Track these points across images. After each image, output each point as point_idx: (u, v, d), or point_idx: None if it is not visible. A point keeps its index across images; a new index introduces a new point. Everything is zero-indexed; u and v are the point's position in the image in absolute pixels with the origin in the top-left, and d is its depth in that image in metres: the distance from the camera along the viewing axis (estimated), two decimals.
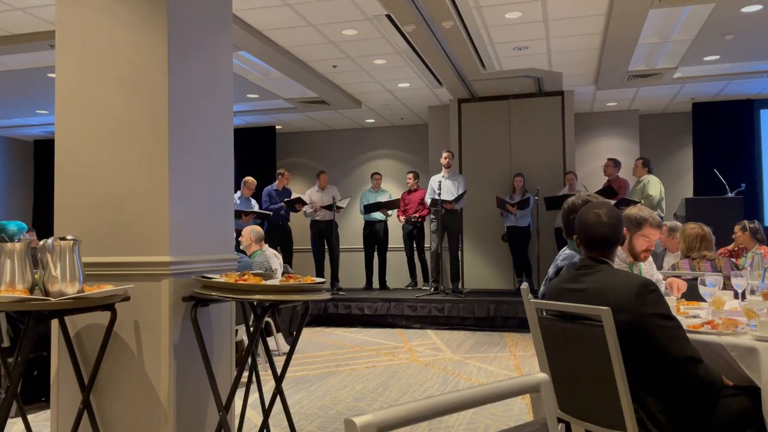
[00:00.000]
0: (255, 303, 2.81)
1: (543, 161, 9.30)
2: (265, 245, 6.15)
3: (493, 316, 7.66)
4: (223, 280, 2.56)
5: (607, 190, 7.67)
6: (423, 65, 7.74)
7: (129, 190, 2.68)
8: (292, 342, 3.01)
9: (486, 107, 9.57)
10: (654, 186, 7.79)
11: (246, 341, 4.73)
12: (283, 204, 8.68)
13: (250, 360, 3.01)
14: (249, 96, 9.17)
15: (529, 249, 8.81)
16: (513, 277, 9.22)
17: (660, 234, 5.63)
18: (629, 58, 7.44)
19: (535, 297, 2.56)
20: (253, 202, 8.56)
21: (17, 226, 4.44)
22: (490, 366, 5.60)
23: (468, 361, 5.83)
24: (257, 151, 11.08)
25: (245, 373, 2.95)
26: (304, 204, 8.81)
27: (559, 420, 2.42)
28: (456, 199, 8.15)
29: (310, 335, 7.42)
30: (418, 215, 9.00)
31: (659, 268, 4.74)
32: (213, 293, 2.52)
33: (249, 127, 11.19)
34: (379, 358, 6.01)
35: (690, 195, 9.73)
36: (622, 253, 2.92)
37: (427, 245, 9.37)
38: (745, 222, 5.76)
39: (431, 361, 5.82)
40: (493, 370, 5.46)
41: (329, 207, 8.70)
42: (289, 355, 2.95)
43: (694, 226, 4.26)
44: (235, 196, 8.29)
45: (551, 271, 2.91)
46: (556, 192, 8.59)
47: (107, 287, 2.48)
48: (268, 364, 3.07)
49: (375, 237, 9.38)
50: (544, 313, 2.45)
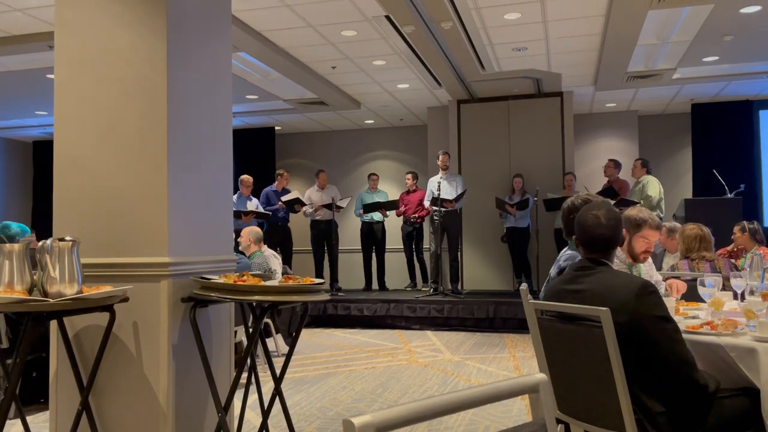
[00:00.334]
0: (254, 304, 2.81)
1: (542, 162, 9.30)
2: (264, 246, 6.15)
3: (492, 317, 7.66)
4: (222, 281, 2.56)
5: (608, 191, 7.68)
6: (422, 66, 7.74)
7: (128, 191, 2.68)
8: (292, 343, 3.01)
9: (485, 108, 9.58)
10: (653, 187, 7.79)
11: (245, 342, 4.73)
12: (281, 205, 8.66)
13: (249, 361, 3.00)
14: (248, 97, 9.17)
15: (529, 250, 8.81)
16: (512, 278, 9.22)
17: (659, 235, 5.65)
18: (628, 59, 7.45)
19: (535, 298, 2.56)
20: (253, 201, 8.55)
21: (20, 228, 4.43)
22: (489, 367, 5.60)
23: (467, 362, 5.83)
24: (256, 152, 11.07)
25: (244, 374, 2.95)
26: (303, 204, 8.81)
27: (559, 421, 2.42)
28: (456, 199, 8.15)
29: (309, 336, 7.42)
30: (417, 216, 9.00)
31: (658, 269, 4.74)
32: (212, 294, 2.52)
33: (248, 128, 11.19)
34: (378, 359, 6.01)
35: (689, 196, 9.73)
36: (622, 254, 2.92)
37: (426, 246, 9.38)
38: (744, 223, 5.75)
39: (431, 362, 5.82)
40: (492, 371, 5.45)
41: (329, 206, 8.70)
42: (289, 356, 2.95)
43: (693, 226, 4.26)
44: (233, 197, 8.28)
45: (553, 271, 2.90)
46: (555, 193, 8.59)
47: (106, 288, 2.48)
48: (267, 365, 3.07)
49: (373, 238, 9.38)
50: (543, 314, 2.45)
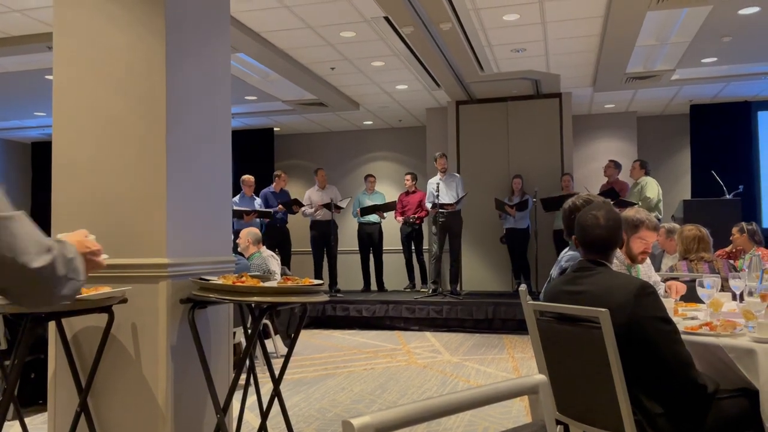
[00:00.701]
0: (253, 305, 2.81)
1: (541, 163, 9.30)
2: (263, 247, 6.14)
3: (491, 318, 7.65)
4: (220, 282, 2.55)
5: (609, 192, 7.68)
6: (421, 67, 7.74)
7: (127, 192, 2.68)
8: (290, 344, 3.01)
9: (484, 109, 9.58)
10: (651, 188, 7.80)
11: (244, 343, 4.72)
12: (279, 207, 8.66)
13: (248, 362, 3.00)
14: (247, 98, 9.16)
15: (528, 251, 8.81)
16: (511, 279, 9.22)
17: (658, 236, 5.65)
18: (627, 60, 7.45)
19: (534, 299, 2.56)
20: (257, 200, 8.53)
21: None
22: (488, 368, 5.59)
23: (466, 363, 5.83)
24: (255, 153, 11.07)
25: (243, 376, 2.95)
26: (302, 205, 8.80)
27: (558, 422, 2.42)
28: (457, 202, 8.15)
29: (308, 337, 7.41)
30: (416, 217, 8.99)
31: (657, 269, 4.74)
32: (211, 295, 2.51)
33: (247, 129, 11.18)
34: (377, 360, 6.00)
35: (688, 197, 9.74)
36: (621, 254, 2.92)
37: (425, 247, 9.37)
38: (743, 224, 5.75)
39: (429, 363, 5.81)
40: (491, 372, 5.45)
41: (328, 206, 8.68)
42: (287, 357, 2.94)
43: (692, 227, 4.26)
44: (236, 198, 8.27)
45: (554, 272, 2.89)
46: (554, 194, 8.59)
47: (105, 289, 2.47)
48: (266, 366, 3.07)
49: (370, 239, 9.37)
50: (542, 315, 2.45)
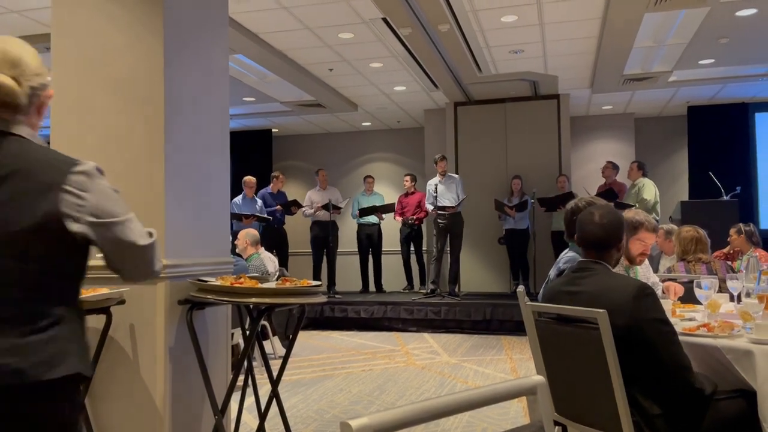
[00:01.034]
0: (251, 306, 2.81)
1: (539, 164, 9.31)
2: (261, 248, 6.13)
3: (489, 319, 7.66)
4: (219, 283, 2.55)
5: (608, 193, 7.69)
6: (419, 68, 7.75)
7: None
8: (288, 345, 3.01)
9: (482, 110, 9.59)
10: (649, 190, 7.81)
11: (242, 344, 4.71)
12: (279, 208, 8.67)
13: (245, 363, 3.00)
14: (245, 99, 9.17)
15: (528, 251, 8.81)
16: (509, 279, 9.22)
17: (656, 237, 5.66)
18: (625, 62, 7.46)
19: (532, 300, 2.56)
20: (258, 202, 8.52)
21: None
22: (486, 369, 5.60)
23: (464, 364, 5.83)
24: (254, 154, 11.07)
25: (241, 377, 2.94)
26: (300, 206, 8.79)
27: (556, 423, 2.43)
28: (458, 204, 8.15)
29: (306, 338, 7.41)
30: (415, 218, 8.99)
31: (655, 270, 4.74)
32: (209, 296, 2.51)
33: (245, 130, 11.18)
34: (375, 362, 6.00)
35: (685, 198, 9.74)
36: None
37: (425, 248, 9.37)
38: (741, 225, 5.76)
39: (428, 365, 5.81)
40: (489, 373, 5.45)
41: (326, 207, 8.67)
42: (285, 358, 2.94)
43: (689, 229, 4.26)
44: (238, 198, 8.26)
45: (552, 273, 2.89)
46: (552, 195, 8.60)
47: (102, 290, 2.47)
48: (264, 368, 3.06)
49: (369, 240, 9.37)
50: (540, 315, 2.46)
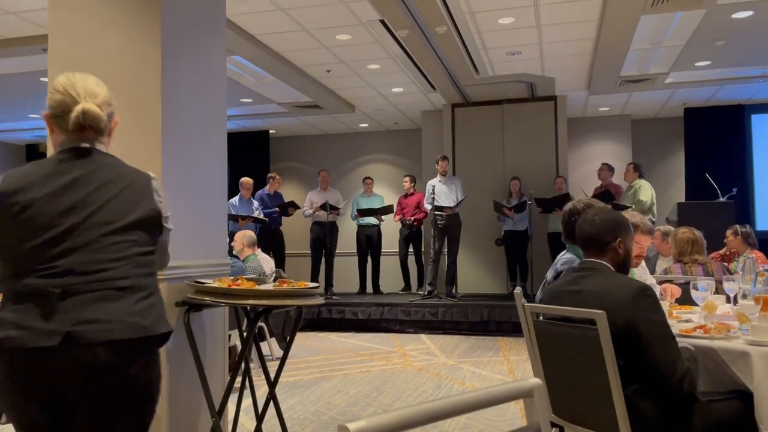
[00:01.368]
0: (248, 308, 2.81)
1: (536, 166, 9.32)
2: (258, 250, 6.13)
3: (486, 321, 7.66)
4: (216, 285, 2.55)
5: (605, 195, 7.70)
6: (416, 70, 7.76)
7: None
8: (286, 347, 3.01)
9: (479, 112, 9.59)
10: (645, 191, 7.82)
11: (239, 346, 4.71)
12: (277, 209, 8.67)
13: (243, 365, 2.99)
14: (243, 100, 9.16)
15: (526, 253, 8.81)
16: (507, 281, 9.23)
17: (653, 239, 5.67)
18: (621, 64, 7.48)
19: (530, 301, 2.57)
20: (254, 204, 8.51)
21: None
22: (483, 370, 5.60)
23: (462, 365, 5.83)
24: (251, 155, 11.06)
25: (238, 378, 2.94)
26: (297, 208, 8.79)
27: (554, 424, 2.43)
28: (457, 205, 8.16)
29: (303, 340, 7.41)
30: (413, 218, 8.98)
31: (652, 272, 4.75)
32: (206, 298, 2.51)
33: (243, 131, 11.18)
34: (372, 363, 6.00)
35: (682, 199, 9.75)
36: None
37: (424, 249, 9.37)
38: (737, 226, 5.78)
39: (425, 366, 5.81)
40: (486, 374, 5.46)
41: (324, 207, 8.66)
42: (283, 360, 2.94)
43: (685, 230, 4.27)
44: (234, 199, 8.25)
45: (550, 275, 2.89)
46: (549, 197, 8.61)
47: None
48: (261, 369, 3.06)
49: (369, 241, 9.37)
50: (540, 317, 2.47)
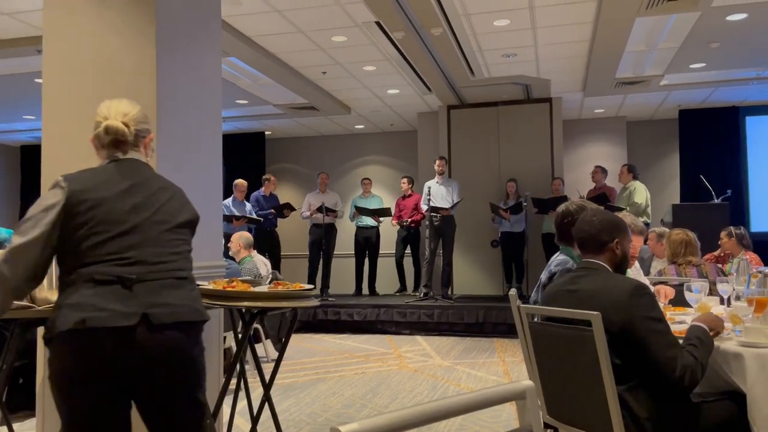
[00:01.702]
0: (243, 310, 2.81)
1: (531, 167, 9.34)
2: (254, 251, 6.13)
3: (482, 322, 7.67)
4: (211, 286, 2.55)
5: (600, 197, 7.72)
6: (412, 72, 7.77)
7: None
8: (281, 348, 3.01)
9: (475, 114, 9.61)
10: (640, 193, 7.84)
11: (234, 348, 4.71)
12: (272, 211, 8.66)
13: (238, 367, 2.99)
14: (238, 102, 9.15)
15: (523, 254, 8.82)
16: (502, 283, 9.23)
17: (649, 240, 5.69)
18: (616, 66, 7.50)
19: (525, 303, 2.58)
20: (247, 206, 8.50)
21: (8, 233, 4.36)
22: (479, 372, 5.60)
23: (457, 367, 5.83)
24: (246, 156, 11.05)
25: (233, 380, 2.94)
26: (293, 209, 8.78)
27: (548, 425, 2.44)
28: (452, 207, 8.16)
29: (298, 342, 7.40)
30: (410, 220, 8.98)
31: (646, 273, 4.77)
32: (201, 300, 2.50)
33: (238, 132, 11.16)
34: (368, 365, 6.00)
35: (677, 201, 9.79)
36: None
37: (421, 251, 9.36)
38: (731, 228, 5.80)
39: (420, 368, 5.82)
40: (482, 376, 5.46)
41: (320, 209, 8.65)
42: (278, 361, 2.94)
43: (679, 232, 4.29)
44: (228, 201, 8.24)
45: (544, 276, 2.90)
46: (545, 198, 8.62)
47: None
48: (256, 371, 3.06)
49: (367, 243, 9.36)
50: (535, 318, 2.47)
